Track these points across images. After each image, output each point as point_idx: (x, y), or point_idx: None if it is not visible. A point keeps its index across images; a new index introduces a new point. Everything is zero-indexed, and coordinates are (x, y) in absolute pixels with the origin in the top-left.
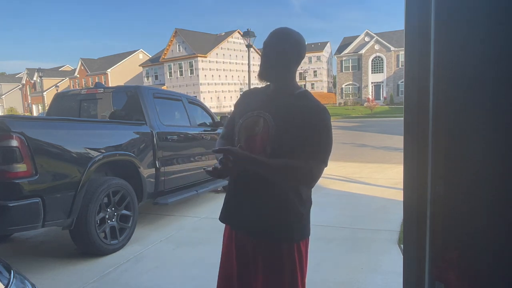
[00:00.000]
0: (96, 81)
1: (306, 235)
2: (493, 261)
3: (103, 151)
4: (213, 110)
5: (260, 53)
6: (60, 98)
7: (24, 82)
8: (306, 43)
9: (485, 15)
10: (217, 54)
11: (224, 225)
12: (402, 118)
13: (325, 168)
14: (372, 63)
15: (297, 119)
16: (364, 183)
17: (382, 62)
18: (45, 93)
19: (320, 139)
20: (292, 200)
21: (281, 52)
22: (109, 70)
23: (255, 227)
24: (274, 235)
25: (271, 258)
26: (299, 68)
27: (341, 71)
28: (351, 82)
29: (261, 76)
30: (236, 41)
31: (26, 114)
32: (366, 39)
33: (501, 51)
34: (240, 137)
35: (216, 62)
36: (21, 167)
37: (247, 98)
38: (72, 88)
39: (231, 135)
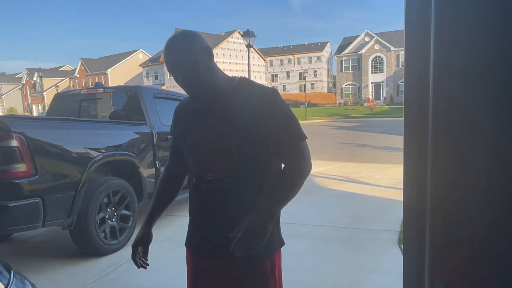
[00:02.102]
0: (96, 81)
1: (279, 246)
2: (493, 261)
3: (103, 151)
4: None
5: (260, 53)
6: (60, 98)
7: (24, 82)
8: (198, 33)
9: (485, 15)
10: (217, 54)
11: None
12: (402, 118)
13: (328, 169)
14: (372, 63)
15: (251, 118)
16: (364, 183)
17: (382, 62)
18: (45, 93)
19: (283, 121)
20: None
21: (189, 63)
22: (109, 70)
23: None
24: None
25: (252, 278)
26: (299, 68)
27: (341, 71)
28: (351, 82)
29: (194, 96)
30: (236, 41)
31: (26, 114)
32: (366, 39)
33: (501, 51)
34: (196, 159)
35: (216, 62)
36: (21, 167)
37: (184, 113)
38: (72, 88)
39: (182, 160)
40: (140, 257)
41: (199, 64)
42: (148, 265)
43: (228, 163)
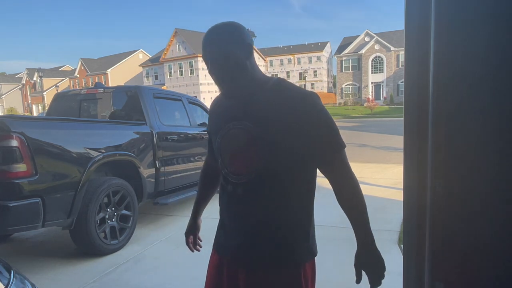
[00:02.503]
0: (96, 81)
1: (313, 254)
2: (493, 261)
3: (103, 151)
4: None
5: (260, 54)
6: (60, 98)
7: (24, 82)
8: (243, 27)
9: (485, 15)
10: None
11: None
12: (402, 118)
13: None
14: (372, 63)
15: (282, 120)
16: (364, 183)
17: (382, 62)
18: (45, 93)
19: (324, 129)
20: (295, 213)
21: (221, 56)
22: (109, 70)
23: (251, 252)
24: (275, 259)
25: (273, 286)
26: (299, 68)
27: (341, 71)
28: (351, 82)
29: (224, 93)
30: None
31: (26, 114)
32: (366, 39)
33: (500, 51)
34: (224, 159)
35: None
36: (21, 167)
37: (217, 109)
38: (72, 88)
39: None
40: (192, 242)
41: (232, 59)
42: (201, 247)
43: (254, 168)
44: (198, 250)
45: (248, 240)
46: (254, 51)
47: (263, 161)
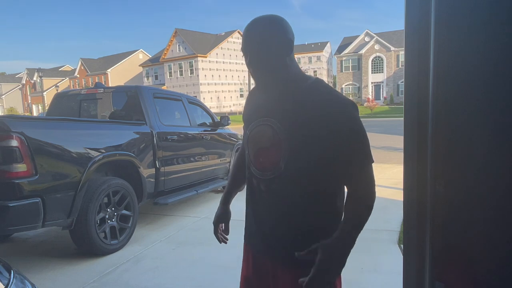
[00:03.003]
0: (96, 81)
1: None
2: (493, 261)
3: (103, 151)
4: (213, 110)
5: None
6: (60, 98)
7: (24, 82)
8: (286, 22)
9: (485, 15)
10: (217, 54)
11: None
12: (402, 118)
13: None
14: (372, 63)
15: (311, 121)
16: None
17: (382, 62)
18: (45, 93)
19: (355, 142)
20: (316, 215)
21: (260, 48)
22: (109, 70)
23: (274, 248)
24: (293, 259)
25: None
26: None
27: (341, 71)
28: (351, 82)
29: (258, 85)
30: (236, 41)
31: (26, 114)
32: (366, 39)
33: (501, 51)
34: (250, 152)
35: (216, 62)
36: (21, 167)
37: (253, 100)
38: (72, 88)
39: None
40: (221, 232)
41: (270, 53)
42: (228, 239)
43: (277, 166)
44: (225, 242)
45: (267, 238)
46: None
47: (284, 162)
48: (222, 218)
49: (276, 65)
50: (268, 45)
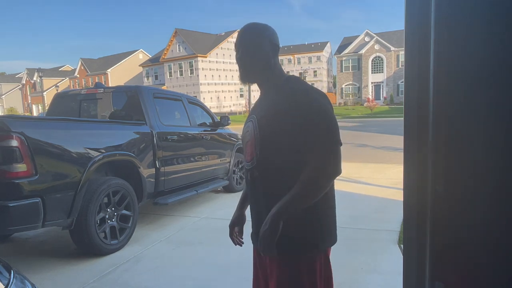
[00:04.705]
0: (96, 81)
1: (317, 246)
2: (493, 261)
3: (103, 151)
4: (213, 110)
5: None
6: (60, 98)
7: (24, 82)
8: (273, 30)
9: (485, 15)
10: (217, 54)
11: None
12: (402, 118)
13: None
14: (372, 63)
15: (278, 113)
16: (364, 183)
17: (382, 62)
18: (45, 93)
19: (311, 126)
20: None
21: (249, 48)
22: (109, 70)
23: (258, 235)
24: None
25: (280, 274)
26: (299, 68)
27: (341, 71)
28: (351, 82)
29: (243, 79)
30: None
31: (26, 114)
32: (366, 39)
33: (501, 51)
34: (243, 146)
35: (216, 62)
36: (21, 167)
37: (256, 101)
38: (72, 88)
39: None
40: (236, 235)
41: (257, 53)
42: (243, 243)
43: (254, 155)
44: (240, 245)
45: (255, 226)
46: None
47: (262, 153)
48: (237, 222)
49: (262, 63)
50: (258, 43)
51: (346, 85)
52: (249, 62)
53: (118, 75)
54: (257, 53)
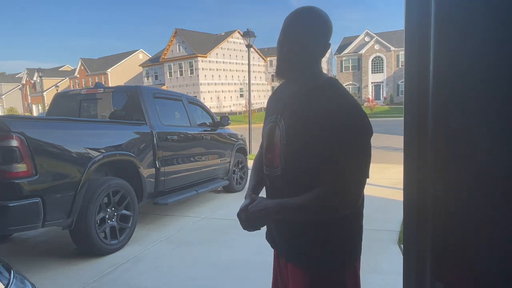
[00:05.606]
0: (96, 81)
1: (346, 261)
2: (493, 261)
3: (103, 151)
4: (213, 110)
5: (260, 54)
6: (60, 98)
7: (24, 82)
8: (330, 24)
9: (485, 15)
10: (217, 54)
11: None
12: (402, 118)
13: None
14: (372, 63)
15: (314, 128)
16: None
17: (382, 62)
18: (45, 93)
19: (332, 152)
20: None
21: (311, 38)
22: (109, 70)
23: (277, 242)
24: (289, 257)
25: (303, 282)
26: None
27: (341, 71)
28: (351, 82)
29: (280, 74)
30: (236, 41)
31: (26, 114)
32: (366, 39)
33: (501, 51)
34: (263, 146)
35: (216, 62)
36: (21, 167)
37: (274, 96)
38: (72, 88)
39: None
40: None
41: (311, 45)
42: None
43: (278, 164)
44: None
45: (273, 233)
46: (255, 51)
47: (287, 164)
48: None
49: (301, 61)
50: (309, 38)
51: (346, 85)
52: (297, 54)
53: (118, 75)
54: (311, 45)
